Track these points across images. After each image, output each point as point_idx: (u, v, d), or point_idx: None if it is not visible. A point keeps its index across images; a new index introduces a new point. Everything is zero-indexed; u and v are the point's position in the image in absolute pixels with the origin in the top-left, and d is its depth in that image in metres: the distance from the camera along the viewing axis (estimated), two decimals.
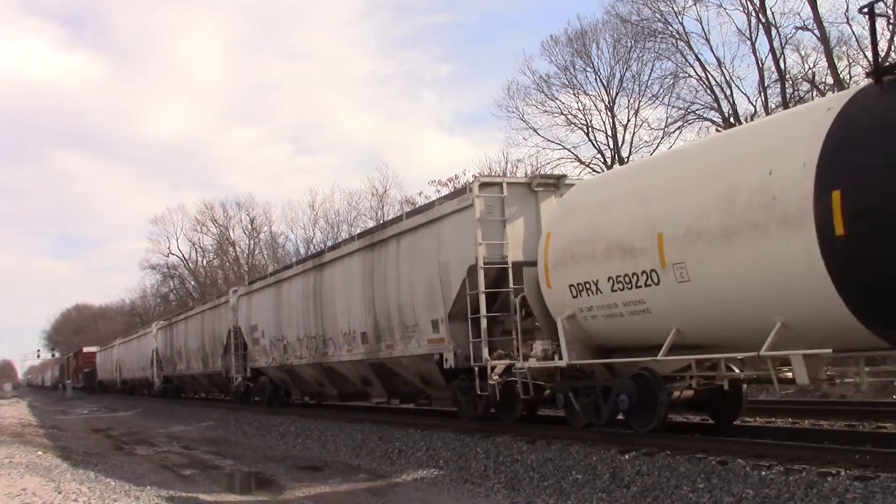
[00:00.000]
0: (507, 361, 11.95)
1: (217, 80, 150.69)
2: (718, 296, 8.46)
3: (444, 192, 38.95)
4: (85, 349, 70.47)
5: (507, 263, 12.03)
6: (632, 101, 37.18)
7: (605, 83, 37.81)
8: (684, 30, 33.99)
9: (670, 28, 34.27)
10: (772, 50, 30.33)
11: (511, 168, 41.21)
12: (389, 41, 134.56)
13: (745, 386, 10.55)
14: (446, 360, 12.84)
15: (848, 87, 17.34)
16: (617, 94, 37.77)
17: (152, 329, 39.52)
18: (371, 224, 45.95)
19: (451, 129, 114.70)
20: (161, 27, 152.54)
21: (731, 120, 30.50)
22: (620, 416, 10.34)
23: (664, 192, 9.24)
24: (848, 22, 27.30)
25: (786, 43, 30.56)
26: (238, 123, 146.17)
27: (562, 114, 38.64)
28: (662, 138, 35.20)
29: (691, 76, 34.20)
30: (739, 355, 8.80)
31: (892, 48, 27.45)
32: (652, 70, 36.34)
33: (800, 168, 7.48)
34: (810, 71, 30.55)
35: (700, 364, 9.90)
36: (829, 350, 7.78)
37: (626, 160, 34.70)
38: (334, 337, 17.40)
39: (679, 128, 34.32)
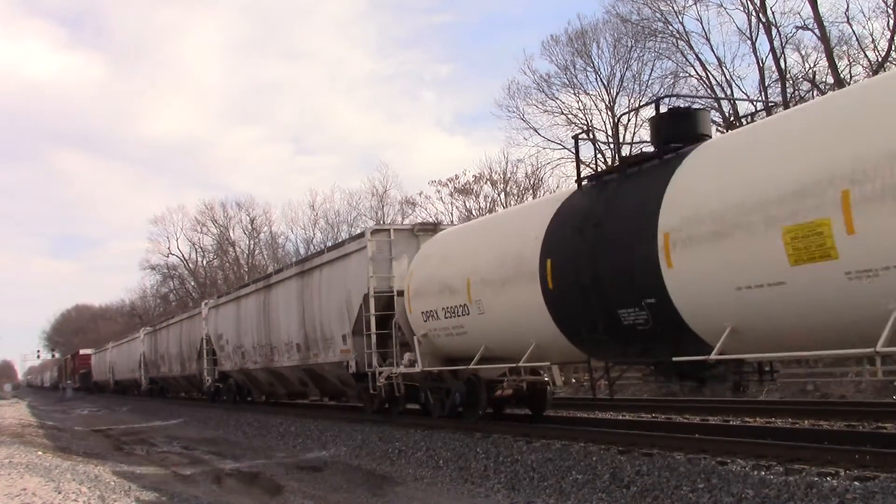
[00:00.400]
0: (389, 368, 14.92)
1: (217, 80, 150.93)
2: (501, 324, 12.02)
3: (444, 192, 39.16)
4: (81, 351, 73.36)
5: (392, 293, 15.09)
6: (632, 100, 37.21)
7: (606, 83, 37.88)
8: (684, 29, 34.05)
9: (670, 28, 34.32)
10: (772, 49, 30.36)
11: (511, 168, 41.27)
12: (389, 41, 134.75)
13: (549, 387, 13.90)
14: (350, 366, 16.18)
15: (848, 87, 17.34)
16: (617, 93, 37.84)
17: (140, 334, 43.53)
18: (371, 224, 46.02)
19: (451, 129, 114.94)
20: (161, 27, 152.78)
21: (732, 119, 30.49)
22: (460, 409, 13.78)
23: (472, 252, 13.00)
24: (848, 21, 27.36)
25: (786, 42, 30.60)
26: (238, 123, 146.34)
27: (562, 113, 38.70)
28: None
29: (691, 76, 34.25)
30: (530, 365, 11.94)
31: (893, 48, 27.46)
32: (652, 70, 36.42)
33: (534, 242, 11.00)
34: (811, 70, 30.59)
35: (514, 371, 13.32)
36: (549, 363, 11.98)
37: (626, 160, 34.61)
38: (278, 346, 20.96)
39: None
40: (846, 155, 6.92)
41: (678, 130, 9.85)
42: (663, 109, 10.22)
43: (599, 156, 37.88)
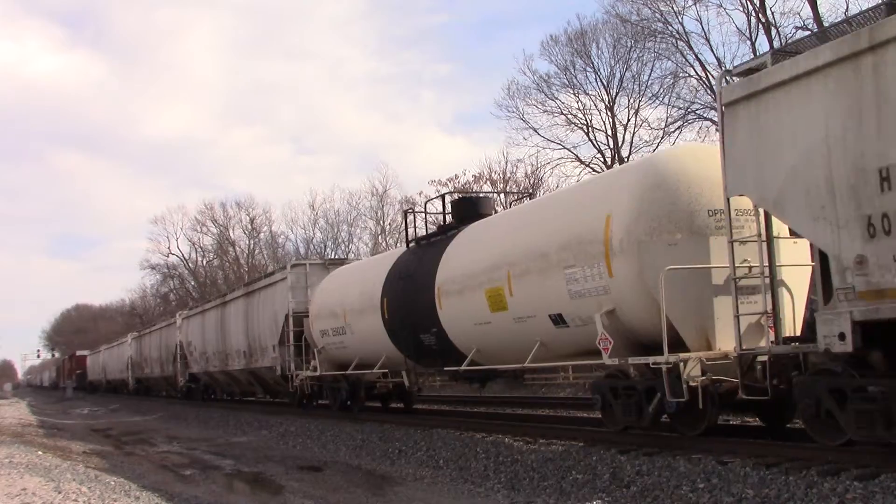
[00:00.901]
0: (303, 372, 19.42)
1: (217, 80, 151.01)
2: (364, 341, 16.68)
3: (444, 191, 39.13)
4: (78, 353, 76.73)
5: (307, 314, 19.53)
6: (632, 100, 37.23)
7: (605, 83, 37.85)
8: (684, 30, 34.02)
9: (670, 28, 34.29)
10: (772, 50, 30.33)
11: (511, 168, 41.20)
12: (389, 41, 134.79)
13: (406, 386, 17.04)
14: (278, 370, 20.90)
15: None
16: (617, 93, 37.83)
17: (128, 339, 48.23)
18: (371, 224, 45.87)
19: (450, 129, 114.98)
20: (161, 27, 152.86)
21: None
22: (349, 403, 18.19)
23: (346, 287, 17.73)
24: (848, 21, 27.31)
25: (786, 43, 30.54)
26: (238, 123, 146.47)
27: (562, 114, 38.67)
28: (662, 138, 35.22)
29: (691, 76, 34.23)
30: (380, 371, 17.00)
31: None
32: (652, 70, 36.40)
33: (379, 285, 15.77)
34: None
35: (386, 375, 17.85)
36: (383, 370, 16.90)
37: (626, 159, 34.71)
38: (231, 352, 25.88)
39: (679, 128, 34.33)
40: (510, 250, 11.82)
41: (466, 211, 14.59)
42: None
43: (599, 156, 38.04)
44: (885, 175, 6.80)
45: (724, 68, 31.72)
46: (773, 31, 30.45)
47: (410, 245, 15.80)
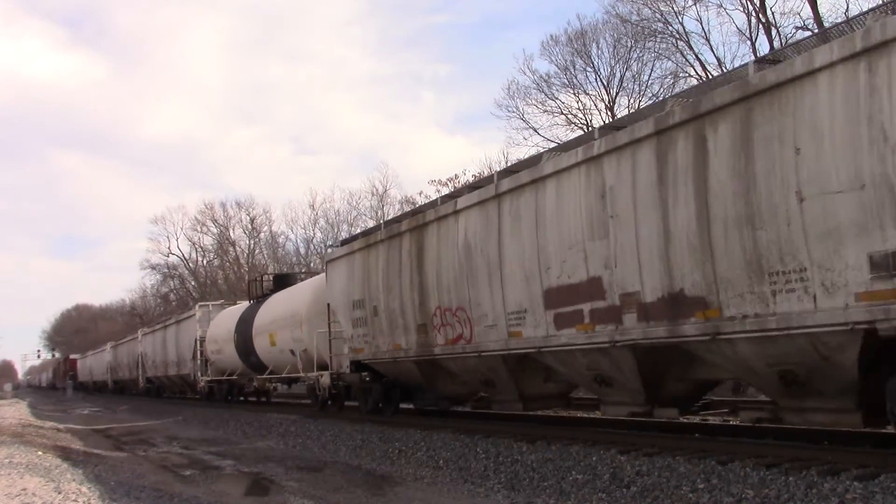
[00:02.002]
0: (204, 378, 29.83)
1: (217, 80, 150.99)
2: (229, 359, 27.11)
3: (444, 191, 39.08)
4: (71, 356, 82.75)
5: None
6: (632, 100, 37.19)
7: (605, 83, 37.81)
8: (684, 30, 34.01)
9: (670, 28, 34.27)
10: (772, 50, 30.31)
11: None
12: (389, 41, 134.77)
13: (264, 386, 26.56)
14: (191, 376, 31.85)
15: None
16: (617, 93, 37.79)
17: (107, 347, 58.19)
18: (371, 224, 45.97)
19: (450, 129, 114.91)
20: (161, 27, 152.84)
21: None
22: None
23: (220, 324, 28.35)
24: (848, 21, 27.31)
25: (786, 43, 30.52)
26: (238, 123, 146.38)
27: (562, 113, 38.64)
28: None
29: (691, 76, 34.17)
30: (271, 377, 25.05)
31: None
32: (652, 70, 36.37)
33: (232, 326, 26.31)
34: None
35: (251, 379, 26.25)
36: (244, 376, 27.30)
37: None
38: (169, 362, 36.53)
39: None
40: (278, 314, 22.39)
41: (281, 282, 25.08)
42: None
43: None
44: (356, 304, 16.68)
45: (724, 68, 31.78)
46: (774, 31, 30.46)
47: (251, 301, 26.25)
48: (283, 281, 25.02)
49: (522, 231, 11.17)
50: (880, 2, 7.71)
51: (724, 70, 31.58)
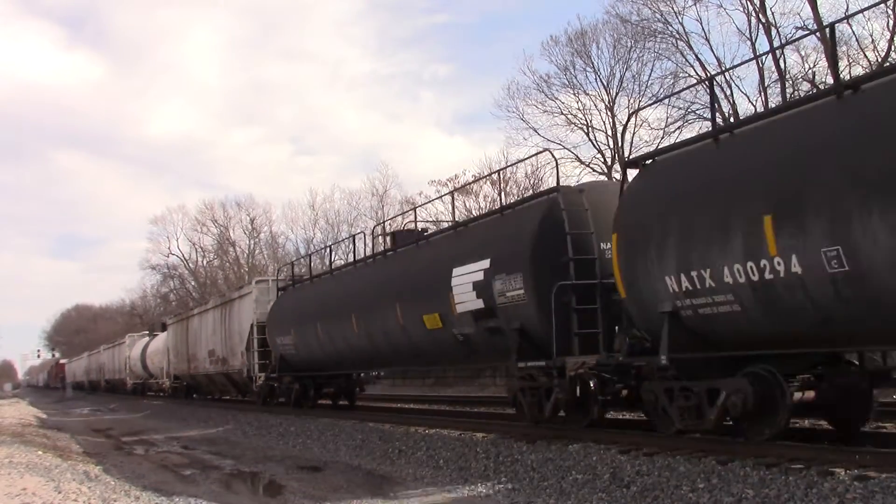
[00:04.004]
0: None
1: (217, 80, 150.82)
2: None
3: (444, 191, 39.12)
4: (60, 361, 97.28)
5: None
6: (632, 100, 37.18)
7: (605, 83, 37.81)
8: (684, 30, 33.99)
9: (670, 28, 34.24)
10: (772, 50, 30.30)
11: (512, 169, 41.17)
12: (389, 41, 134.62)
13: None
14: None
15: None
16: (617, 93, 37.78)
17: (84, 356, 70.83)
18: (371, 223, 45.90)
19: (450, 129, 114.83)
20: (161, 27, 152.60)
21: (731, 120, 30.44)
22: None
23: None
24: (848, 22, 27.23)
25: (786, 43, 30.52)
26: (238, 123, 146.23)
27: (562, 114, 38.64)
28: (662, 138, 35.18)
29: (691, 76, 34.15)
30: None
31: (893, 48, 27.45)
32: (652, 70, 36.36)
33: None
34: (810, 71, 30.54)
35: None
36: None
37: (626, 159, 34.62)
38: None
39: (679, 128, 34.28)
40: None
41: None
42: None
43: (599, 156, 38.04)
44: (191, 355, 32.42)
45: (724, 68, 31.82)
46: (773, 31, 30.45)
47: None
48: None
49: (201, 330, 28.69)
50: (880, 2, 7.71)
51: (724, 69, 31.59)
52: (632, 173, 10.71)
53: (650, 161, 10.46)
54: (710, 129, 9.63)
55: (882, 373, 9.78)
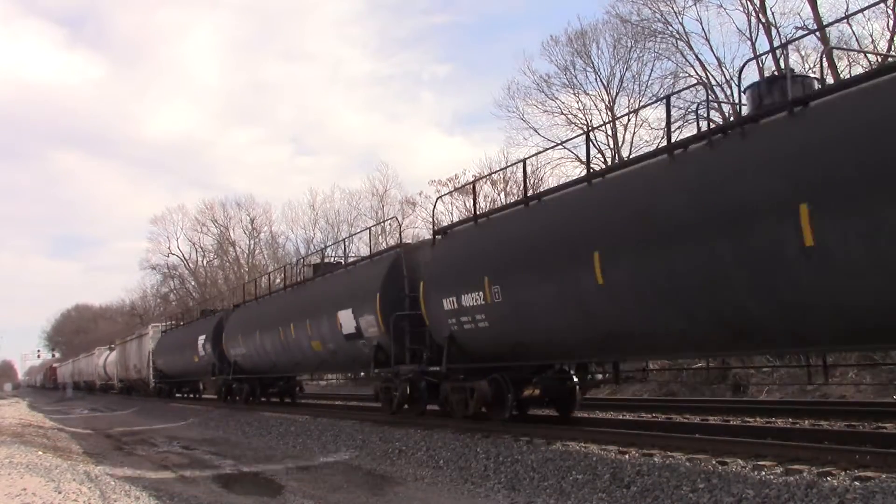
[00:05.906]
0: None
1: (217, 80, 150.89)
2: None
3: (444, 191, 39.13)
4: (53, 364, 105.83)
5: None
6: (632, 100, 37.20)
7: (605, 83, 37.85)
8: (684, 30, 34.02)
9: (670, 28, 34.28)
10: (772, 49, 30.28)
11: (511, 169, 41.16)
12: (389, 41, 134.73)
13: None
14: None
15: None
16: (617, 93, 37.82)
17: (69, 361, 79.75)
18: (371, 223, 46.10)
19: (450, 130, 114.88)
20: (161, 27, 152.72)
21: (731, 120, 30.36)
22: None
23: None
24: (848, 22, 27.27)
25: (786, 43, 30.42)
26: (238, 123, 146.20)
27: (562, 113, 38.66)
28: (662, 138, 35.17)
29: (691, 76, 34.17)
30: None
31: (893, 48, 27.45)
32: (652, 70, 36.40)
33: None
34: (810, 71, 30.52)
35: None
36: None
37: (626, 158, 34.62)
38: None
39: (679, 128, 34.25)
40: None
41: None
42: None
43: (599, 155, 38.00)
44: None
45: (723, 68, 31.81)
46: (774, 31, 30.46)
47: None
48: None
49: (129, 352, 44.61)
50: (879, 1, 7.70)
51: (724, 70, 31.59)
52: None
53: (448, 231, 14.74)
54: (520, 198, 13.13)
55: (582, 378, 13.59)
